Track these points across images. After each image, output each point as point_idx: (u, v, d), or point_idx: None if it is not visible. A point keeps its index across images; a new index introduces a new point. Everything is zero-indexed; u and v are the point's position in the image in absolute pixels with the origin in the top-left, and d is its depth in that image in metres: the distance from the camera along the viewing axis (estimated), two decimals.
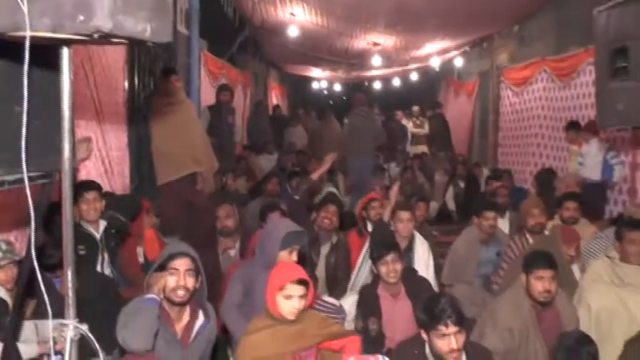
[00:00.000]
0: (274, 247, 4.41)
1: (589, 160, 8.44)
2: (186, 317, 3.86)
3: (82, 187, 5.16)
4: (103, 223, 5.28)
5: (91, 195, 5.17)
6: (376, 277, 5.13)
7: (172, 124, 7.23)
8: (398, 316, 4.90)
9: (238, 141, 12.69)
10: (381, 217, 6.96)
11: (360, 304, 5.06)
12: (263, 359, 3.69)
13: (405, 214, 6.19)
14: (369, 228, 6.89)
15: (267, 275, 4.07)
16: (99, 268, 5.18)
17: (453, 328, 3.52)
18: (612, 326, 4.68)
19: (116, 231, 5.40)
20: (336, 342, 3.91)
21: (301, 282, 3.75)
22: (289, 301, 3.73)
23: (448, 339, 3.53)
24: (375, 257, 5.02)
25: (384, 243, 5.22)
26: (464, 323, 3.62)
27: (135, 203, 5.94)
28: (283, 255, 4.38)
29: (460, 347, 3.56)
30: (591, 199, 7.84)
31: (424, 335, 3.69)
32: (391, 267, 4.91)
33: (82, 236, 5.03)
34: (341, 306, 4.71)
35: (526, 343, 4.39)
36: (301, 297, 3.75)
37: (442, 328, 3.53)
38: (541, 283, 4.36)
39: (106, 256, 5.25)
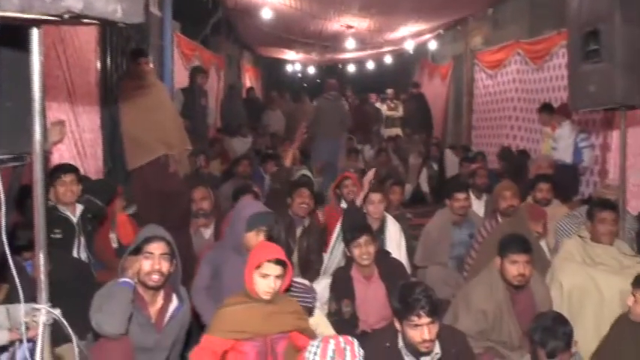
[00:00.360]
0: (241, 229, 4.43)
1: (562, 143, 8.51)
2: (160, 301, 3.86)
3: (59, 170, 5.14)
4: (79, 207, 5.23)
5: (68, 177, 5.12)
6: (349, 260, 5.14)
7: (143, 107, 7.08)
8: (371, 298, 4.93)
9: (211, 123, 12.59)
10: (353, 196, 6.96)
11: (334, 287, 5.07)
12: (234, 333, 3.70)
13: (376, 196, 6.16)
14: (343, 205, 6.91)
15: (235, 257, 4.07)
16: (75, 252, 5.14)
17: (425, 319, 3.49)
18: (583, 305, 4.74)
19: (93, 215, 5.37)
20: (303, 340, 3.85)
21: (279, 262, 3.77)
22: (265, 279, 3.74)
23: (421, 329, 3.51)
24: (348, 240, 5.04)
25: (357, 225, 5.23)
26: (438, 313, 3.60)
27: (110, 187, 5.91)
28: (250, 236, 4.40)
29: (433, 338, 3.55)
30: (563, 180, 7.91)
31: (397, 324, 3.67)
32: (364, 249, 4.93)
33: (58, 220, 5.01)
34: (311, 286, 4.70)
35: (500, 325, 4.42)
36: (277, 277, 3.77)
37: (415, 319, 3.51)
38: (515, 267, 4.38)
39: (82, 240, 5.21)
